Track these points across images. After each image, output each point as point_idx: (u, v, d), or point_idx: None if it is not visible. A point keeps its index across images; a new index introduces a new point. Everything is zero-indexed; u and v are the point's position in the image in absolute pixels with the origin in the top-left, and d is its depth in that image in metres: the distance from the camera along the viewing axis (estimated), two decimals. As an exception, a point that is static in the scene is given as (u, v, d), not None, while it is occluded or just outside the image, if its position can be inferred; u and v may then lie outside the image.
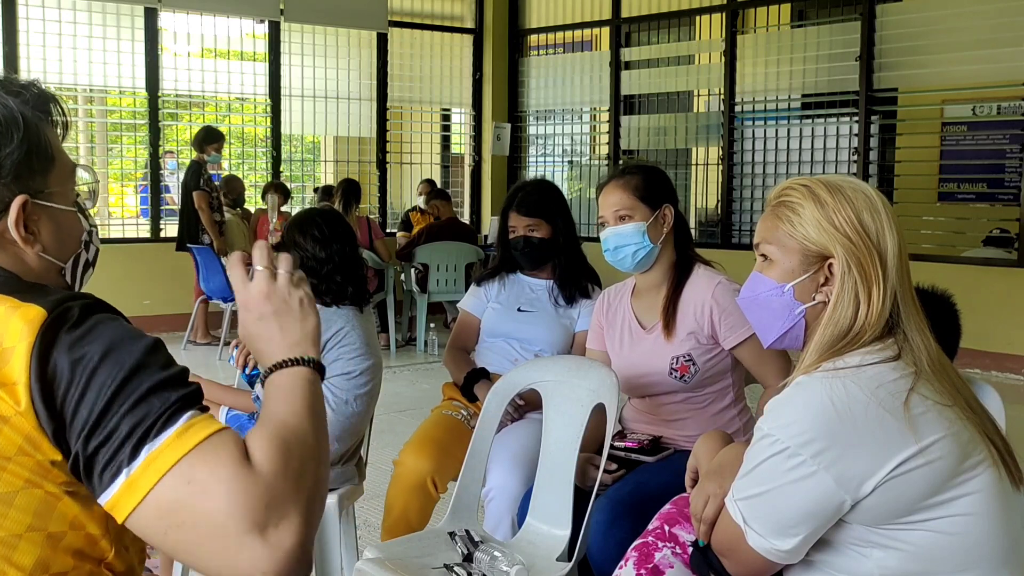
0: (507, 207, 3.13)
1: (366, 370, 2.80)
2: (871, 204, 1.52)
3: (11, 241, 1.17)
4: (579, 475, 2.43)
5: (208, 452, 1.01)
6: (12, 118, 1.14)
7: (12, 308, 1.06)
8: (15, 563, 1.03)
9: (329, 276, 2.79)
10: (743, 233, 8.45)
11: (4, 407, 1.03)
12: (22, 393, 1.02)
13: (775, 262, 1.59)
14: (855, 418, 1.39)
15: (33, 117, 1.17)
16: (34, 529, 1.04)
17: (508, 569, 2.18)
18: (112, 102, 9.60)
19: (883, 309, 1.48)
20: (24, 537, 1.04)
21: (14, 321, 1.05)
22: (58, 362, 1.03)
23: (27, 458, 1.04)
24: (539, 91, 10.14)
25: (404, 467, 2.82)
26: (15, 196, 1.15)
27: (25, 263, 1.19)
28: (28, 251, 1.18)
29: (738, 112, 8.51)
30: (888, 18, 7.54)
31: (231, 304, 7.41)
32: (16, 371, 1.03)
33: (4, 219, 1.15)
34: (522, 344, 3.08)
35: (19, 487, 1.04)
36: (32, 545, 1.04)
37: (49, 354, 1.03)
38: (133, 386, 1.03)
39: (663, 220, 2.54)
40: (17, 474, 1.04)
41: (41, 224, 1.19)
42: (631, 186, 2.53)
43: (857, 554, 1.45)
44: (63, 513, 1.06)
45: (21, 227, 1.16)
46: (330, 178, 9.55)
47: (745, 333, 2.43)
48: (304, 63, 9.11)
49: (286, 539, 1.00)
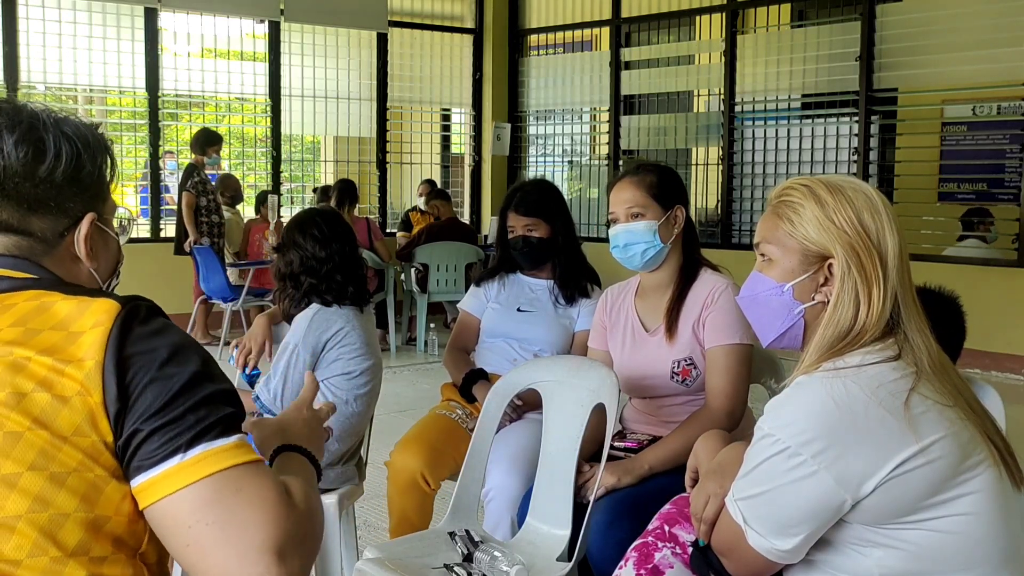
0: (505, 207, 3.13)
1: (366, 370, 2.80)
2: (872, 204, 1.52)
3: (72, 256, 1.27)
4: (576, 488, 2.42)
5: (259, 472, 1.12)
6: (104, 143, 1.28)
7: (86, 301, 1.14)
8: (59, 542, 1.05)
9: (329, 275, 2.79)
10: (743, 233, 8.45)
11: (68, 385, 1.08)
12: (93, 370, 1.08)
13: (775, 262, 1.59)
14: (855, 418, 1.39)
15: (107, 150, 1.30)
16: (81, 511, 1.07)
17: (508, 569, 2.18)
18: (112, 102, 9.60)
19: (883, 309, 1.48)
20: (71, 518, 1.06)
21: (90, 310, 1.13)
22: (132, 348, 1.11)
23: (83, 439, 1.08)
24: (539, 91, 10.14)
25: (394, 467, 2.83)
26: (87, 212, 1.26)
27: (78, 279, 1.28)
28: (85, 267, 1.28)
29: (738, 112, 8.51)
30: (888, 18, 7.54)
31: (231, 304, 7.42)
32: (86, 349, 1.09)
33: (73, 232, 1.26)
34: (522, 344, 3.08)
35: (72, 468, 1.07)
36: (77, 526, 1.06)
37: (125, 340, 1.11)
38: (199, 388, 1.12)
39: (674, 221, 2.53)
40: (71, 455, 1.07)
41: (99, 244, 1.30)
42: (645, 184, 2.52)
43: (857, 554, 1.45)
44: (110, 497, 1.09)
45: (89, 243, 1.27)
46: (330, 178, 9.55)
47: (723, 339, 2.41)
48: (304, 63, 9.11)
49: (295, 571, 1.10)
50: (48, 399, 1.07)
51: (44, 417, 1.07)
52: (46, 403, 1.07)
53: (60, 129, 1.23)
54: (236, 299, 7.37)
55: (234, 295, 7.40)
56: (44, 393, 1.07)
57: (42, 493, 1.05)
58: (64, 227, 1.25)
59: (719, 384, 2.42)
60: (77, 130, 1.25)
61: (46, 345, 1.10)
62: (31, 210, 1.22)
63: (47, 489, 1.05)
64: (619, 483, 2.34)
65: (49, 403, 1.07)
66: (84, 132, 1.26)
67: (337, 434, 2.76)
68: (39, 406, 1.07)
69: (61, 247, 1.25)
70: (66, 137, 1.23)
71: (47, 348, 1.10)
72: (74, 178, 1.24)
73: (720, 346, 2.42)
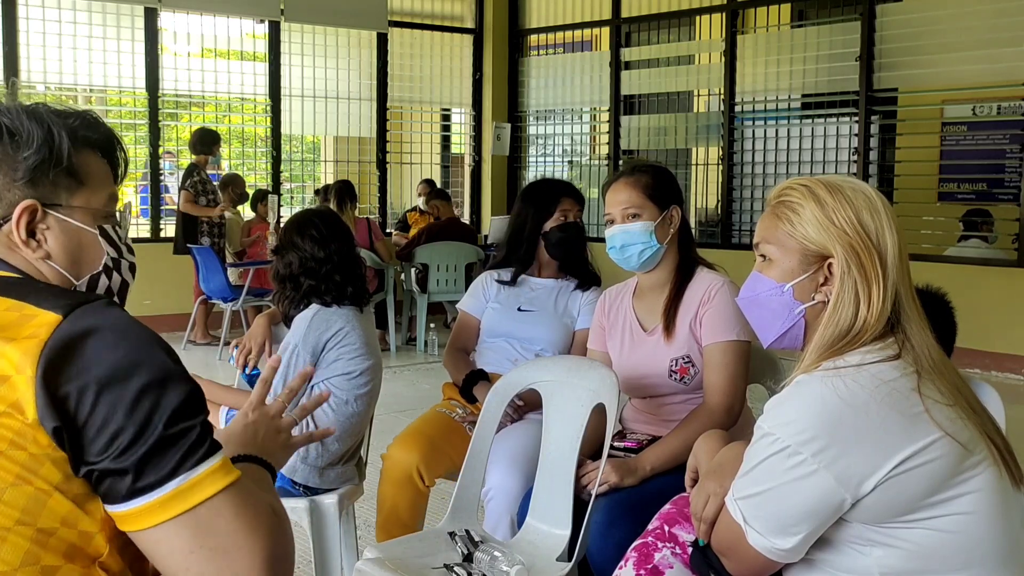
0: (560, 194, 3.12)
1: (366, 370, 2.80)
2: (871, 204, 1.52)
3: (12, 245, 1.22)
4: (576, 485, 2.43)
5: (248, 492, 1.11)
6: (33, 128, 1.20)
7: (28, 313, 1.09)
8: (2, 556, 1.03)
9: (328, 276, 2.79)
10: (743, 233, 8.45)
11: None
12: (24, 385, 1.04)
13: (775, 262, 1.59)
14: (856, 417, 1.39)
15: (67, 136, 1.23)
16: (23, 524, 1.04)
17: (508, 569, 2.18)
18: (112, 102, 9.60)
19: (884, 308, 1.48)
20: (13, 531, 1.04)
21: (31, 324, 1.07)
22: (71, 368, 1.05)
23: (19, 452, 1.04)
24: (539, 91, 10.13)
25: (390, 460, 2.82)
26: (23, 199, 1.20)
27: (37, 270, 1.23)
28: (29, 254, 1.22)
29: (738, 112, 8.51)
30: (888, 18, 7.54)
31: (231, 304, 7.42)
32: (17, 362, 1.04)
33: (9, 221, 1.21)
34: (523, 344, 3.08)
35: (9, 482, 1.04)
36: (21, 539, 1.04)
37: (62, 361, 1.05)
38: (164, 403, 1.07)
39: (670, 221, 2.53)
40: (7, 469, 1.04)
41: (50, 234, 1.24)
42: (641, 184, 2.52)
43: (857, 553, 1.45)
44: (53, 509, 1.06)
45: (21, 229, 1.21)
46: (330, 178, 9.55)
47: (720, 336, 2.42)
48: (304, 63, 9.11)
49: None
50: None
51: None
52: None
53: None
54: (236, 299, 7.37)
55: (234, 295, 7.40)
56: None
57: None
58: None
59: (716, 381, 2.42)
60: (18, 114, 1.21)
61: None
62: None
63: None
64: (621, 483, 2.34)
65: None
66: (21, 115, 1.21)
67: (337, 434, 2.76)
68: None
69: (1, 236, 1.21)
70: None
71: None
72: (1, 163, 1.19)
73: (717, 343, 2.43)
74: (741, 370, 2.43)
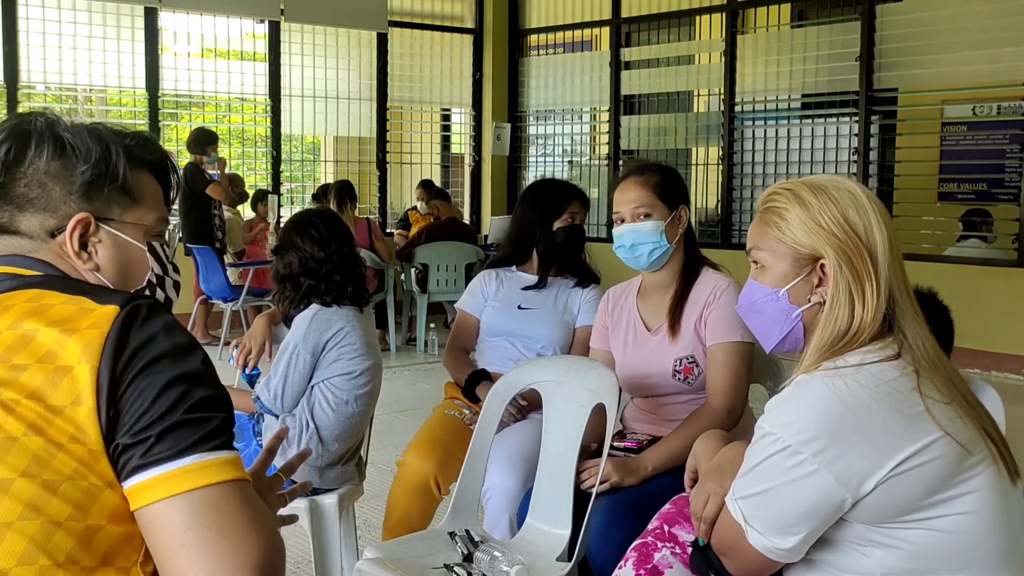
0: (570, 196, 3.17)
1: (366, 370, 2.80)
2: (856, 201, 1.52)
3: (65, 256, 1.27)
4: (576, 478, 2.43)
5: (256, 497, 1.14)
6: (92, 145, 1.26)
7: (87, 308, 1.14)
8: (48, 551, 1.04)
9: (328, 276, 2.79)
10: (743, 233, 8.44)
11: (61, 396, 1.07)
12: (87, 376, 1.08)
13: (767, 268, 1.59)
14: (856, 416, 1.39)
15: (123, 155, 1.28)
16: (73, 520, 1.06)
17: (508, 569, 2.18)
18: (112, 102, 9.60)
19: (879, 305, 1.48)
20: (63, 527, 1.05)
21: (89, 317, 1.12)
22: (128, 352, 1.10)
23: (79, 447, 1.07)
24: (539, 91, 10.13)
25: (408, 468, 2.82)
26: (78, 212, 1.25)
27: (86, 280, 1.27)
28: (79, 265, 1.27)
29: (738, 112, 8.51)
30: (888, 18, 7.54)
31: (231, 304, 7.41)
32: (80, 354, 1.08)
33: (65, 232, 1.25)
34: (524, 343, 3.07)
35: (66, 475, 1.06)
36: (68, 536, 1.05)
37: (123, 344, 1.10)
38: (195, 391, 1.12)
39: (679, 221, 2.53)
40: (65, 463, 1.06)
41: (101, 247, 1.29)
42: (651, 184, 2.52)
43: (858, 553, 1.45)
44: (104, 505, 1.08)
45: (75, 240, 1.26)
46: (330, 178, 9.54)
47: (724, 336, 2.42)
48: (304, 63, 9.10)
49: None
50: (43, 407, 1.07)
51: (40, 423, 1.06)
52: (41, 410, 1.07)
53: (53, 130, 1.25)
54: (236, 299, 7.37)
55: (234, 295, 7.40)
56: (38, 401, 1.07)
57: (34, 500, 1.04)
58: (53, 226, 1.25)
59: (719, 381, 2.42)
60: (78, 131, 1.26)
61: (42, 353, 1.09)
62: (19, 208, 1.24)
63: (39, 496, 1.04)
64: (622, 482, 2.34)
65: (44, 410, 1.07)
66: (82, 132, 1.26)
67: (337, 434, 2.76)
68: (35, 412, 1.07)
69: (53, 245, 1.26)
70: (54, 136, 1.24)
71: (44, 356, 1.09)
72: (60, 175, 1.24)
73: (721, 344, 2.43)
74: (744, 371, 2.44)
